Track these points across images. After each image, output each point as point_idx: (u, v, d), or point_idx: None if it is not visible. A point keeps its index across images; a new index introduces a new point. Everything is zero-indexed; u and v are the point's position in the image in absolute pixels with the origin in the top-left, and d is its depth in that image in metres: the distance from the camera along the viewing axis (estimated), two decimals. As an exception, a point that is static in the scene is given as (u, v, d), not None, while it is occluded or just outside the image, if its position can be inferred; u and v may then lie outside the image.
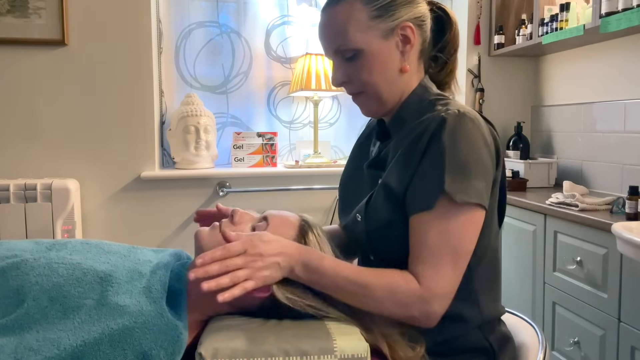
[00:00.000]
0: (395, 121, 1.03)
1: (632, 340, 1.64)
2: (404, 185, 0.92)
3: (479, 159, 0.91)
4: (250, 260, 0.86)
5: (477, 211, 0.90)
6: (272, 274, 0.87)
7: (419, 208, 0.90)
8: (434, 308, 0.87)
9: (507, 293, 2.35)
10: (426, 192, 0.89)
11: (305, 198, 2.68)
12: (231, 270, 0.84)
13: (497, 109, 2.80)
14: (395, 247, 0.95)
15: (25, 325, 0.80)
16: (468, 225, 0.90)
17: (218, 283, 0.83)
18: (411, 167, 0.92)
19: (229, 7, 2.77)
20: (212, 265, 0.84)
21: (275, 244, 0.88)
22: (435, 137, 0.91)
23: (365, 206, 0.98)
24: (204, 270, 0.84)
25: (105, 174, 2.47)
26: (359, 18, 0.95)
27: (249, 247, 0.86)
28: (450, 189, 0.87)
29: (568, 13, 2.25)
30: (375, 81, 0.98)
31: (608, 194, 2.18)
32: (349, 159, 1.19)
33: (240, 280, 0.84)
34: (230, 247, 0.86)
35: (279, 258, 0.87)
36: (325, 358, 0.80)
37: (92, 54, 2.41)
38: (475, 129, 0.92)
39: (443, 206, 0.88)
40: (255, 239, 0.88)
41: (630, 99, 2.18)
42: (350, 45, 0.96)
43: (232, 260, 0.85)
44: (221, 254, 0.85)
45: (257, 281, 0.86)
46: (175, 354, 0.82)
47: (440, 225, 0.88)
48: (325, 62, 2.60)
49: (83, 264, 0.89)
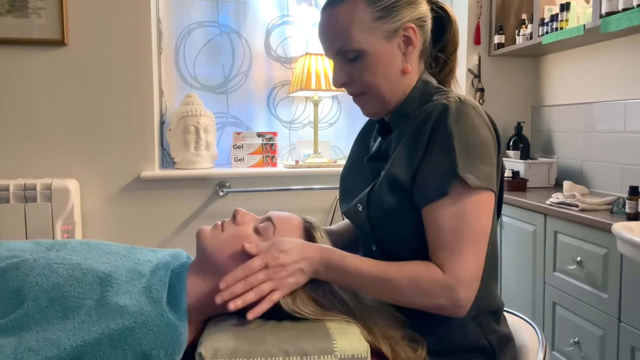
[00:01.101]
0: (396, 117, 1.02)
1: (632, 340, 1.64)
2: (410, 174, 0.92)
3: (486, 144, 0.91)
4: (273, 273, 0.87)
5: (489, 194, 0.90)
6: (298, 280, 0.89)
7: (433, 196, 0.89)
8: (460, 295, 0.86)
9: (507, 293, 2.35)
10: (439, 179, 0.89)
11: (305, 198, 2.68)
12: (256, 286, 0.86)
13: (497, 109, 2.80)
14: (398, 236, 0.95)
15: (25, 325, 0.80)
16: (483, 208, 0.90)
17: (244, 300, 0.85)
18: (417, 155, 0.92)
19: (229, 7, 2.77)
20: (236, 286, 0.86)
21: (296, 251, 0.89)
22: (439, 124, 0.90)
23: (368, 196, 0.97)
24: (229, 292, 0.86)
25: (105, 174, 2.47)
26: (362, 19, 0.94)
27: (269, 260, 0.88)
28: (464, 173, 0.87)
29: (568, 13, 2.25)
30: (378, 83, 0.97)
31: (608, 194, 2.17)
32: (350, 152, 1.19)
33: (265, 293, 0.86)
34: (251, 264, 0.87)
35: (302, 264, 0.88)
36: (325, 358, 0.80)
37: (92, 54, 2.41)
38: (477, 115, 0.92)
39: (457, 191, 0.88)
40: (274, 251, 0.88)
41: (630, 99, 2.18)
42: (353, 46, 0.95)
43: (255, 276, 0.87)
44: (243, 273, 0.87)
45: (283, 290, 0.87)
46: (175, 354, 0.82)
47: (456, 209, 0.88)
48: (325, 62, 2.60)
49: (83, 264, 0.89)
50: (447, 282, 0.86)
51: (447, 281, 0.86)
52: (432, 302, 0.87)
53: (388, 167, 0.95)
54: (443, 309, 0.88)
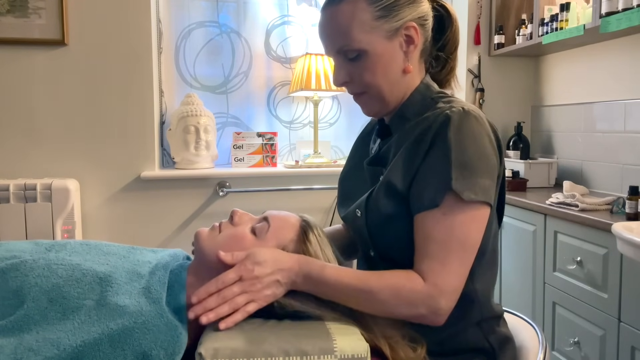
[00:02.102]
0: (396, 119, 1.02)
1: (632, 340, 1.64)
2: (407, 182, 0.92)
3: (485, 156, 0.91)
4: (247, 285, 0.86)
5: (483, 208, 0.90)
6: (274, 292, 0.87)
7: (425, 206, 0.89)
8: (440, 304, 0.86)
9: (507, 293, 2.35)
10: (432, 189, 0.89)
11: (305, 198, 2.68)
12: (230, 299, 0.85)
13: (497, 109, 2.80)
14: (396, 242, 0.95)
15: (24, 326, 0.80)
16: (474, 222, 0.89)
17: (217, 313, 0.84)
18: (415, 164, 0.92)
19: (229, 7, 2.77)
20: (209, 300, 0.85)
21: (271, 262, 0.87)
22: (440, 135, 0.90)
23: (366, 202, 0.97)
24: (202, 307, 0.84)
25: (105, 174, 2.47)
26: (363, 18, 0.93)
27: (243, 272, 0.86)
28: (457, 187, 0.87)
29: (568, 13, 2.25)
30: (379, 82, 0.97)
31: (608, 194, 2.17)
32: (349, 155, 1.18)
33: (240, 305, 0.85)
34: (223, 278, 0.86)
35: (278, 276, 0.87)
36: (325, 358, 0.80)
37: (92, 54, 2.41)
38: (479, 127, 0.92)
39: (449, 203, 0.88)
40: (248, 263, 0.87)
41: (630, 99, 2.18)
42: (354, 45, 0.94)
43: (229, 289, 0.85)
44: (215, 286, 0.85)
45: (259, 302, 0.86)
46: (175, 354, 0.82)
47: (446, 220, 0.87)
48: (325, 62, 2.60)
49: (82, 265, 0.89)
50: (428, 291, 0.86)
51: (428, 290, 0.86)
52: (413, 311, 0.87)
53: (386, 173, 0.95)
54: (423, 317, 0.87)
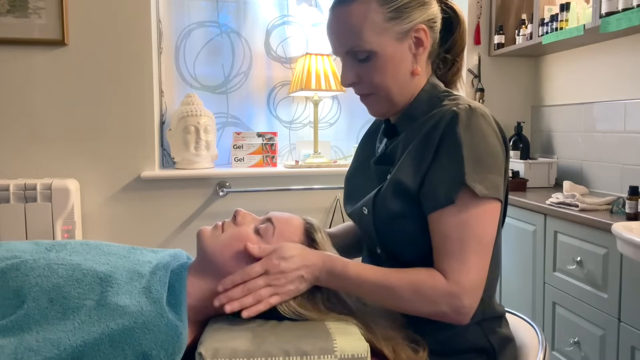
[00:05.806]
0: (403, 118, 1.02)
1: (632, 340, 1.64)
2: (417, 180, 0.92)
3: (494, 153, 0.91)
4: (272, 279, 0.87)
5: (495, 204, 0.90)
6: (298, 287, 0.89)
7: (440, 204, 0.89)
8: (463, 303, 0.86)
9: (507, 293, 2.35)
10: (446, 186, 0.89)
11: (305, 198, 2.68)
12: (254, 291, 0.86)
13: (497, 109, 2.79)
14: (403, 240, 0.95)
15: (25, 326, 0.80)
16: (489, 217, 0.90)
17: (242, 303, 0.85)
18: (424, 161, 0.92)
19: (229, 7, 2.77)
20: (234, 290, 0.86)
21: (297, 258, 0.89)
22: (448, 131, 0.90)
23: (373, 200, 0.97)
24: (227, 296, 0.86)
25: (105, 174, 2.47)
26: (375, 19, 0.93)
27: (270, 266, 0.88)
28: (471, 182, 0.87)
29: (568, 13, 2.25)
30: (387, 84, 0.97)
31: (608, 194, 2.17)
32: (355, 153, 1.18)
33: (263, 298, 0.86)
34: (250, 270, 0.88)
35: (302, 271, 0.88)
36: (325, 358, 0.80)
37: (92, 54, 2.41)
38: (486, 124, 0.92)
39: (464, 199, 0.88)
40: (275, 257, 0.88)
41: (630, 99, 2.18)
42: (364, 47, 0.94)
43: (254, 282, 0.87)
44: (241, 277, 0.87)
45: (282, 296, 0.88)
46: (175, 354, 0.82)
47: (462, 217, 0.88)
48: (325, 62, 2.60)
49: (83, 264, 0.89)
50: (450, 289, 0.86)
51: (450, 288, 0.86)
52: (435, 309, 0.87)
53: (394, 172, 0.95)
54: (445, 316, 0.87)
